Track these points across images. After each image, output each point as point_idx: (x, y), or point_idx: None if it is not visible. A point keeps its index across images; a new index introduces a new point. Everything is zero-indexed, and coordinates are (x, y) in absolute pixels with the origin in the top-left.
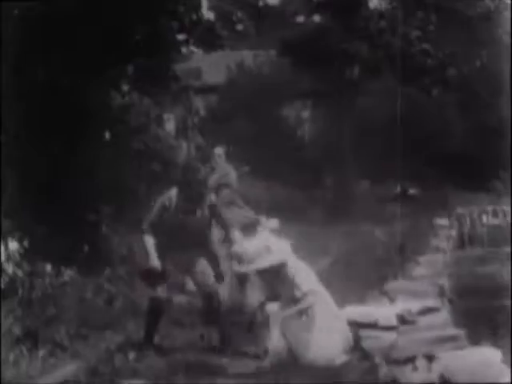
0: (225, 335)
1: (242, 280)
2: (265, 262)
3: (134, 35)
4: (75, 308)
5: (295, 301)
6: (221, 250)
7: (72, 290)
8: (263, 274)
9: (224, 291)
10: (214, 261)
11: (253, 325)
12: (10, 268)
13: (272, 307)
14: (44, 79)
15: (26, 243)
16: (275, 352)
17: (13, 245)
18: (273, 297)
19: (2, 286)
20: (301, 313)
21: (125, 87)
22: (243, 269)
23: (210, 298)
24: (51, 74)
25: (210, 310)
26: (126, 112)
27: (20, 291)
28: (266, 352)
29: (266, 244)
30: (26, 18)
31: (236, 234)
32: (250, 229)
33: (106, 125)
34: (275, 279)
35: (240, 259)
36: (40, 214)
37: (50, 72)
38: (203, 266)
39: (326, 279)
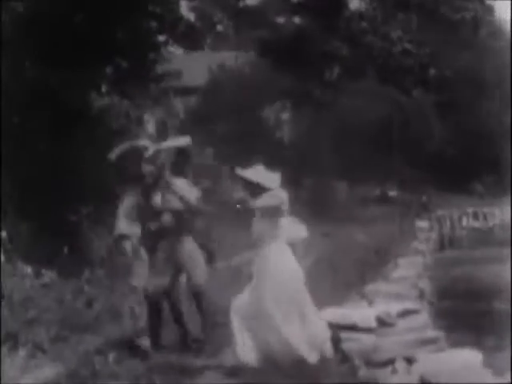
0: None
1: None
2: None
3: (114, 35)
4: (55, 310)
5: None
6: None
7: (52, 291)
8: None
9: None
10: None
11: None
12: None
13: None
14: (29, 77)
15: (8, 245)
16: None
17: None
18: None
19: None
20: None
21: (104, 88)
22: None
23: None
24: (36, 72)
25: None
26: (105, 113)
27: (1, 292)
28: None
29: None
30: (11, 17)
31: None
32: None
33: (86, 125)
34: None
35: None
36: (21, 214)
37: (35, 70)
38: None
39: (306, 281)
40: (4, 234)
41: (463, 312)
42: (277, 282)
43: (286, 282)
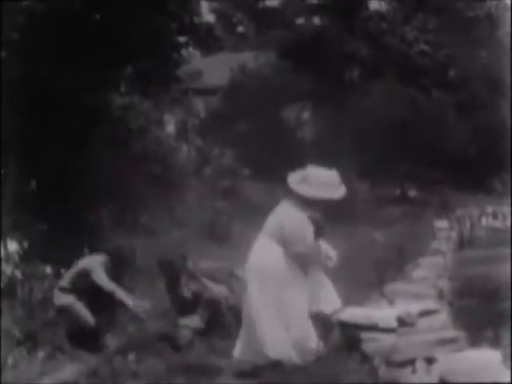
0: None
1: None
2: None
3: (134, 36)
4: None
5: None
6: None
7: None
8: None
9: None
10: None
11: None
12: (8, 269)
13: None
14: (47, 78)
15: (25, 244)
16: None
17: (12, 245)
18: None
19: (2, 287)
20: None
21: (124, 88)
22: None
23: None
24: (54, 74)
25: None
26: (125, 114)
27: (20, 293)
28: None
29: None
30: (28, 18)
31: None
32: None
33: (106, 126)
34: None
35: None
36: (40, 214)
37: (53, 71)
38: None
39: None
40: (20, 234)
41: (483, 312)
42: (259, 281)
43: (267, 280)
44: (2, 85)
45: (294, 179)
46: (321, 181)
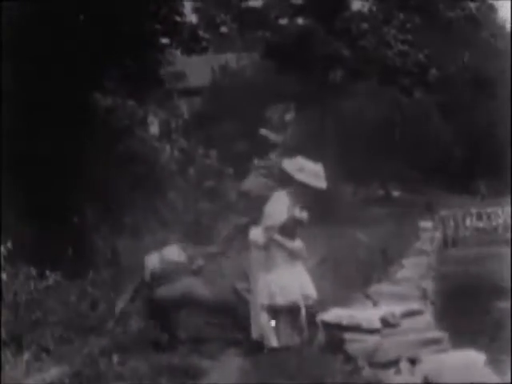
0: None
1: None
2: None
3: (117, 36)
4: (60, 311)
5: None
6: None
7: (56, 293)
8: None
9: None
10: None
11: None
12: None
13: None
14: (31, 77)
15: (9, 245)
16: None
17: None
18: None
19: None
20: None
21: (108, 89)
22: None
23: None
24: (37, 75)
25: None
26: (109, 114)
27: (4, 294)
28: None
29: None
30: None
31: None
32: None
33: (90, 127)
34: None
35: None
36: (24, 215)
37: (36, 72)
38: None
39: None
40: (4, 235)
41: (466, 312)
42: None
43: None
44: None
45: (291, 167)
46: (315, 171)
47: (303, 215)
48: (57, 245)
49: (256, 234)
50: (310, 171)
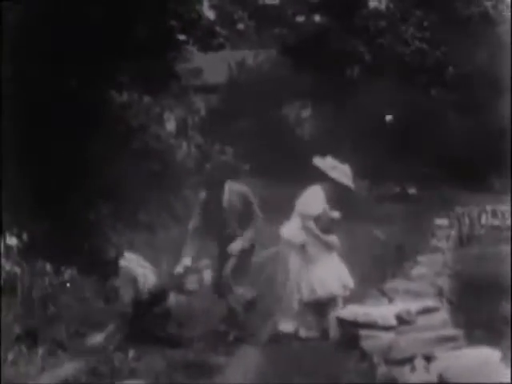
0: None
1: None
2: None
3: (133, 33)
4: (75, 307)
5: None
6: None
7: (72, 288)
8: None
9: None
10: None
11: None
12: (8, 265)
13: None
14: (46, 76)
15: (25, 238)
16: None
17: (11, 240)
18: None
19: (2, 283)
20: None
21: (124, 86)
22: None
23: None
24: (52, 72)
25: None
26: (125, 111)
27: (20, 290)
28: None
29: None
30: (27, 14)
31: None
32: None
33: (106, 124)
34: None
35: None
36: (40, 211)
37: (51, 69)
38: None
39: None
40: (19, 229)
41: (482, 310)
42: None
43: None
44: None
45: (325, 165)
46: (344, 171)
47: (335, 214)
48: (72, 241)
49: (289, 227)
50: (341, 170)
